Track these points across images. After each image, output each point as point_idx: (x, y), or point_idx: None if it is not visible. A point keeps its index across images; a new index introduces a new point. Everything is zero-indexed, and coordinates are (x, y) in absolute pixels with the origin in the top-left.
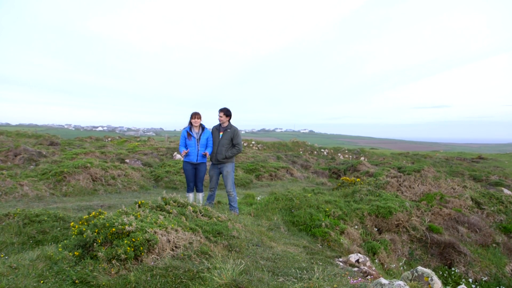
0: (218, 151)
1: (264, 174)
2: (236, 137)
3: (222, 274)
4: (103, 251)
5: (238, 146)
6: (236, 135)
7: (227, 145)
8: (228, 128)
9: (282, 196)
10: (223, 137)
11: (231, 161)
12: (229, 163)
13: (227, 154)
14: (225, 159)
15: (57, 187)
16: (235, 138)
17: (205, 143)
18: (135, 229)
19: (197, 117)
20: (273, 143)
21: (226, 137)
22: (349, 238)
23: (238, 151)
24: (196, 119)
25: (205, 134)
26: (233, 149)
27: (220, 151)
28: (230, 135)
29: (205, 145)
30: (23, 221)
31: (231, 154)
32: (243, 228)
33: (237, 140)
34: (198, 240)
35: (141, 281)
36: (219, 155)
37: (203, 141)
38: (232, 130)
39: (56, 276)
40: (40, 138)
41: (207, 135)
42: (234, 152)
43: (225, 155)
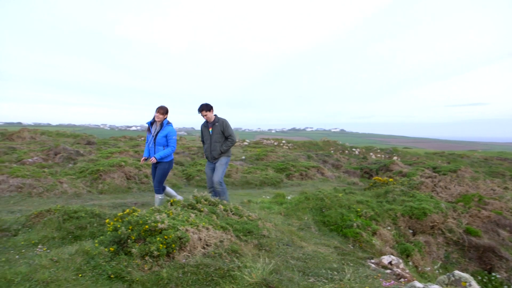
0: (212, 148)
1: (294, 173)
2: (227, 129)
3: (252, 273)
4: (137, 247)
5: (231, 137)
6: (226, 126)
7: (220, 140)
8: (216, 122)
9: (312, 196)
10: (214, 132)
11: (227, 155)
12: (224, 156)
13: (222, 149)
14: (221, 154)
15: (93, 185)
16: (226, 130)
17: (163, 142)
18: (167, 227)
19: (160, 111)
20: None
21: (217, 131)
22: (382, 239)
23: (232, 142)
24: (158, 114)
25: (164, 131)
26: (227, 142)
27: (215, 148)
28: (220, 128)
29: (162, 144)
30: (62, 217)
31: (226, 147)
32: (273, 227)
33: (229, 131)
34: (228, 238)
35: (173, 277)
36: (214, 152)
37: (160, 139)
38: (220, 123)
39: (93, 270)
40: (78, 138)
41: (166, 132)
42: (229, 145)
43: (220, 150)
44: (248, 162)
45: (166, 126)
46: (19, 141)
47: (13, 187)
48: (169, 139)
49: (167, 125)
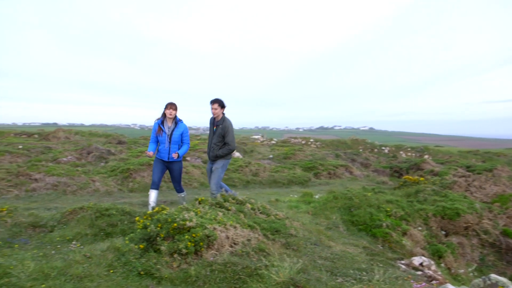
0: (211, 149)
1: (322, 172)
2: (227, 135)
3: (279, 272)
4: (166, 245)
5: (228, 145)
6: (227, 132)
7: (219, 143)
8: (220, 124)
9: (341, 195)
10: (215, 133)
11: (226, 158)
12: (222, 160)
13: (218, 153)
14: (218, 157)
15: (124, 183)
16: (226, 136)
17: (178, 140)
18: (195, 225)
19: (173, 108)
20: (331, 140)
21: (218, 133)
22: (412, 239)
23: (229, 150)
24: (171, 111)
25: (179, 129)
26: (224, 148)
27: (213, 149)
28: (221, 131)
29: (178, 142)
30: (95, 214)
31: (221, 153)
32: (301, 226)
33: (228, 138)
34: (256, 237)
35: (201, 275)
36: (211, 153)
37: (175, 137)
38: (223, 127)
39: (124, 266)
40: (109, 137)
41: (181, 130)
42: (225, 152)
43: (216, 154)
44: (275, 161)
45: (180, 124)
46: (55, 141)
47: (49, 185)
48: (184, 137)
49: (180, 122)
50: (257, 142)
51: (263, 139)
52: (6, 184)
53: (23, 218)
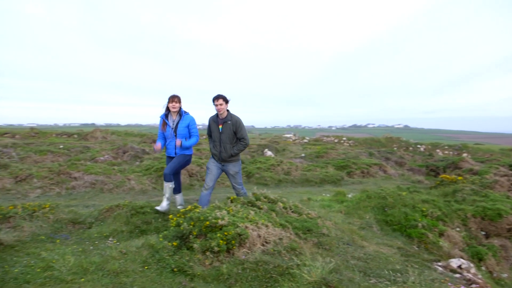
0: (221, 150)
1: (355, 171)
2: (240, 130)
3: (311, 271)
4: (198, 243)
5: (244, 140)
6: (240, 126)
7: (230, 141)
8: (228, 120)
9: (374, 194)
10: (224, 131)
11: (237, 159)
12: (236, 161)
13: (232, 152)
14: (231, 157)
15: (158, 182)
16: (238, 131)
17: (185, 133)
18: (227, 223)
19: (175, 100)
20: (364, 139)
21: (227, 131)
22: (450, 241)
23: (245, 146)
24: (174, 103)
25: (184, 121)
26: (239, 145)
27: (225, 149)
28: (231, 128)
29: (185, 136)
30: (130, 212)
31: (237, 151)
32: (333, 226)
33: (242, 133)
34: (287, 236)
35: (233, 273)
36: (224, 154)
37: (181, 130)
38: (233, 122)
39: (158, 263)
40: (143, 137)
41: (187, 122)
42: (241, 148)
43: (230, 153)
44: (307, 160)
45: (185, 116)
46: (93, 141)
47: (87, 183)
48: (191, 129)
49: (186, 114)
50: (289, 141)
51: (295, 137)
52: (48, 182)
53: (64, 215)
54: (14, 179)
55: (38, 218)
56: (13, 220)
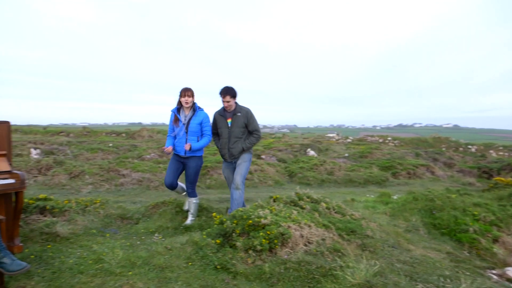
0: (231, 145)
1: (401, 172)
2: (252, 121)
3: (355, 273)
4: (241, 241)
5: (256, 132)
6: (251, 118)
7: (242, 135)
8: (238, 112)
9: (421, 196)
10: (234, 124)
11: (249, 151)
12: (247, 153)
13: (244, 146)
14: (242, 152)
15: (201, 180)
16: (250, 123)
17: (197, 131)
18: (270, 223)
19: (188, 94)
20: (411, 139)
21: (238, 123)
22: (505, 247)
23: (258, 138)
24: (187, 98)
25: (197, 117)
26: (251, 138)
27: (235, 145)
28: (243, 120)
29: (197, 134)
30: (175, 209)
31: (249, 145)
32: (378, 227)
33: (254, 125)
34: (330, 237)
35: (275, 272)
36: (234, 149)
37: (193, 127)
38: (244, 113)
39: (201, 260)
40: None
41: (200, 119)
42: (253, 142)
43: (241, 148)
44: (351, 160)
45: (199, 111)
46: (140, 139)
47: (135, 180)
48: (204, 127)
49: (200, 110)
50: (332, 141)
51: (338, 137)
52: (99, 178)
53: (113, 210)
54: (69, 175)
55: (89, 212)
56: (68, 214)
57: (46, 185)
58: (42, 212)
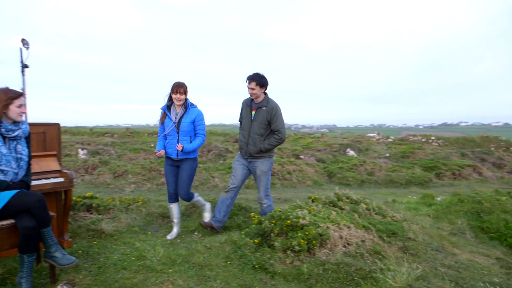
0: (250, 142)
1: (445, 172)
2: (277, 119)
3: (396, 277)
4: (279, 241)
5: (279, 134)
6: (276, 115)
7: (262, 132)
8: (264, 106)
9: (468, 198)
10: (257, 118)
11: (269, 155)
12: (266, 158)
13: (262, 146)
14: (260, 153)
15: None
16: (274, 122)
17: (190, 130)
18: (309, 223)
19: (180, 91)
20: (456, 138)
21: (260, 119)
22: None
23: (280, 140)
24: (179, 95)
25: (190, 115)
26: (271, 139)
27: (253, 141)
28: (265, 116)
29: (189, 133)
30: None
31: (268, 146)
32: (420, 230)
33: (278, 124)
34: (370, 239)
35: (313, 273)
36: (252, 147)
37: (185, 126)
38: (269, 109)
39: (240, 259)
40: (227, 136)
41: (193, 117)
42: (273, 143)
43: (259, 147)
44: (392, 160)
45: (191, 108)
46: None
47: None
48: (197, 126)
49: (192, 107)
50: (373, 140)
51: (379, 137)
52: (141, 178)
53: (154, 209)
54: (113, 175)
55: (132, 211)
56: (112, 212)
57: (92, 184)
58: (89, 209)
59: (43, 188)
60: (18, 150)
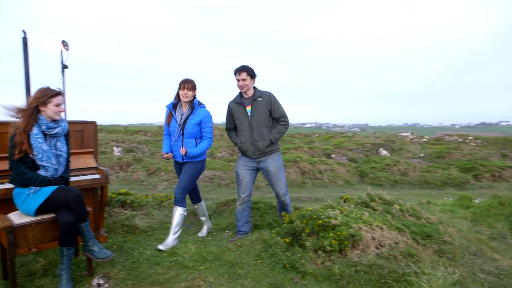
0: (256, 137)
1: (484, 174)
2: (278, 107)
3: (431, 281)
4: (310, 241)
5: (284, 119)
6: (276, 102)
7: (266, 123)
8: (259, 97)
9: (509, 201)
10: (255, 112)
11: (277, 148)
12: (275, 153)
13: (272, 137)
14: (271, 146)
15: None
16: (276, 109)
17: (195, 132)
18: (340, 223)
19: (189, 87)
20: (496, 138)
21: (260, 110)
22: None
23: (286, 126)
24: (186, 91)
25: (196, 115)
26: (279, 126)
27: (260, 136)
28: (265, 106)
29: (195, 136)
30: None
31: (277, 134)
32: (457, 233)
33: (280, 109)
34: (404, 241)
35: (345, 274)
36: (261, 142)
37: (190, 128)
38: (266, 98)
39: (270, 258)
40: None
41: (200, 118)
42: (282, 131)
43: (269, 140)
44: (427, 160)
45: (198, 109)
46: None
47: (206, 177)
48: (204, 128)
49: (200, 107)
50: (406, 140)
51: (413, 136)
52: (173, 175)
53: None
54: (146, 172)
55: (165, 207)
56: (146, 208)
57: (126, 181)
58: (123, 206)
59: (81, 184)
60: (58, 147)
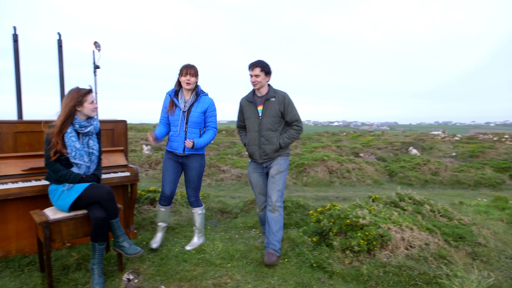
0: (263, 141)
1: None
2: (291, 109)
3: (464, 284)
4: (338, 240)
5: (297, 123)
6: (289, 104)
7: (276, 127)
8: (272, 97)
9: None
10: (266, 113)
11: (287, 153)
12: (283, 157)
13: (282, 141)
14: (280, 151)
15: (298, 178)
16: (289, 112)
17: (200, 121)
18: (369, 223)
19: (191, 72)
20: None
21: (272, 112)
22: None
23: (299, 131)
24: (189, 77)
25: (201, 103)
26: (291, 131)
27: (269, 139)
28: (277, 108)
29: (199, 125)
30: None
31: (288, 139)
32: (492, 235)
33: (294, 113)
34: (435, 242)
35: (373, 275)
36: (268, 146)
37: (195, 116)
38: (280, 99)
39: (297, 257)
40: None
41: (205, 106)
42: (294, 136)
43: (278, 144)
44: (459, 160)
45: (203, 96)
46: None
47: (234, 176)
48: (209, 117)
49: (204, 95)
50: (437, 139)
51: (444, 135)
52: None
53: (213, 204)
54: None
55: None
56: (174, 206)
57: (155, 179)
58: (152, 203)
59: (112, 182)
60: (90, 145)
